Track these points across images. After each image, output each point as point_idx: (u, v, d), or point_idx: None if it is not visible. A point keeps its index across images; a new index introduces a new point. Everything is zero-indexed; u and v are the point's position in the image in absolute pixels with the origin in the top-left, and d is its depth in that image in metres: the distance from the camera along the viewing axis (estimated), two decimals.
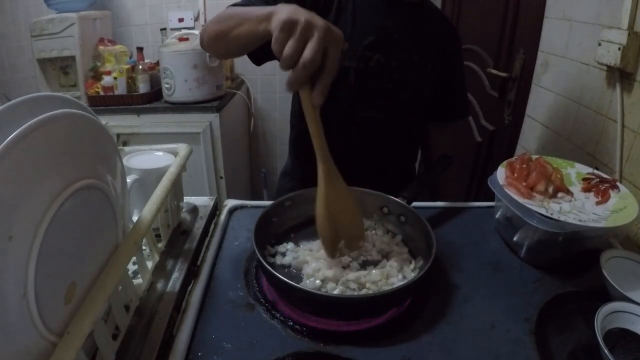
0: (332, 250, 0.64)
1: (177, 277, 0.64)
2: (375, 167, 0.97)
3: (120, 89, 1.91)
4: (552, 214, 0.64)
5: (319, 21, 0.53)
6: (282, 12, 0.55)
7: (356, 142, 0.94)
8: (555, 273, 0.67)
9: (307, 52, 0.52)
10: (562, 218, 0.64)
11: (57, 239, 0.39)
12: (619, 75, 0.87)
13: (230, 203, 0.86)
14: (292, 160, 1.09)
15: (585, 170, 0.78)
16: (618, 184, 0.72)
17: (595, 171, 0.77)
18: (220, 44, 0.77)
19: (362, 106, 0.91)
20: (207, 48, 0.82)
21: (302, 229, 0.75)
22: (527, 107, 1.32)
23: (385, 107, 0.92)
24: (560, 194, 0.72)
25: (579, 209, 0.68)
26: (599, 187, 0.72)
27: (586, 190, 0.73)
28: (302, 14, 0.54)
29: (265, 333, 0.56)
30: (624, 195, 0.69)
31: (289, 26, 0.53)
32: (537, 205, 0.67)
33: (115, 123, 1.89)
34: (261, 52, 0.74)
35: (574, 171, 0.79)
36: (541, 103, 1.24)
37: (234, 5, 0.80)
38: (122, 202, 0.53)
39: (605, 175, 0.75)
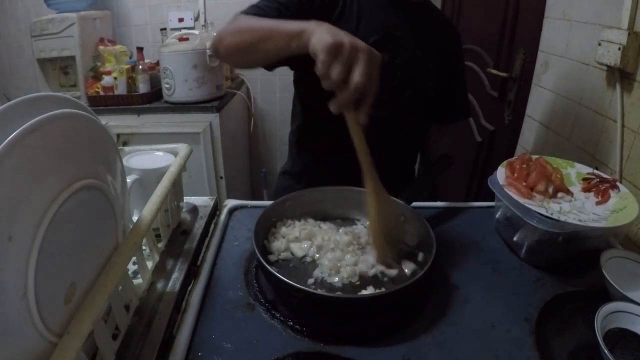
0: (383, 256, 0.66)
1: (177, 277, 0.64)
2: (375, 165, 0.97)
3: (120, 89, 1.91)
4: (552, 214, 0.64)
5: (361, 44, 0.55)
6: (323, 34, 0.56)
7: None
8: (555, 273, 0.67)
9: (358, 77, 0.54)
10: (562, 218, 0.64)
11: (57, 239, 0.39)
12: (619, 75, 0.87)
13: (230, 203, 0.86)
14: (292, 155, 1.09)
15: (585, 170, 0.78)
16: (618, 184, 0.72)
17: (595, 171, 0.77)
18: (242, 57, 0.77)
19: None
20: (225, 59, 0.82)
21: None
22: (527, 107, 1.32)
23: (388, 105, 0.92)
24: (560, 194, 0.72)
25: (579, 209, 0.68)
26: (599, 187, 0.72)
27: (586, 190, 0.73)
28: (344, 37, 0.55)
29: (265, 333, 0.56)
30: (624, 195, 0.69)
31: (335, 50, 0.54)
32: (537, 205, 0.67)
33: (115, 123, 1.89)
34: (277, 62, 0.75)
35: (574, 171, 0.78)
36: (541, 103, 1.23)
37: (246, 13, 0.78)
38: (122, 202, 0.53)
39: (605, 175, 0.75)
